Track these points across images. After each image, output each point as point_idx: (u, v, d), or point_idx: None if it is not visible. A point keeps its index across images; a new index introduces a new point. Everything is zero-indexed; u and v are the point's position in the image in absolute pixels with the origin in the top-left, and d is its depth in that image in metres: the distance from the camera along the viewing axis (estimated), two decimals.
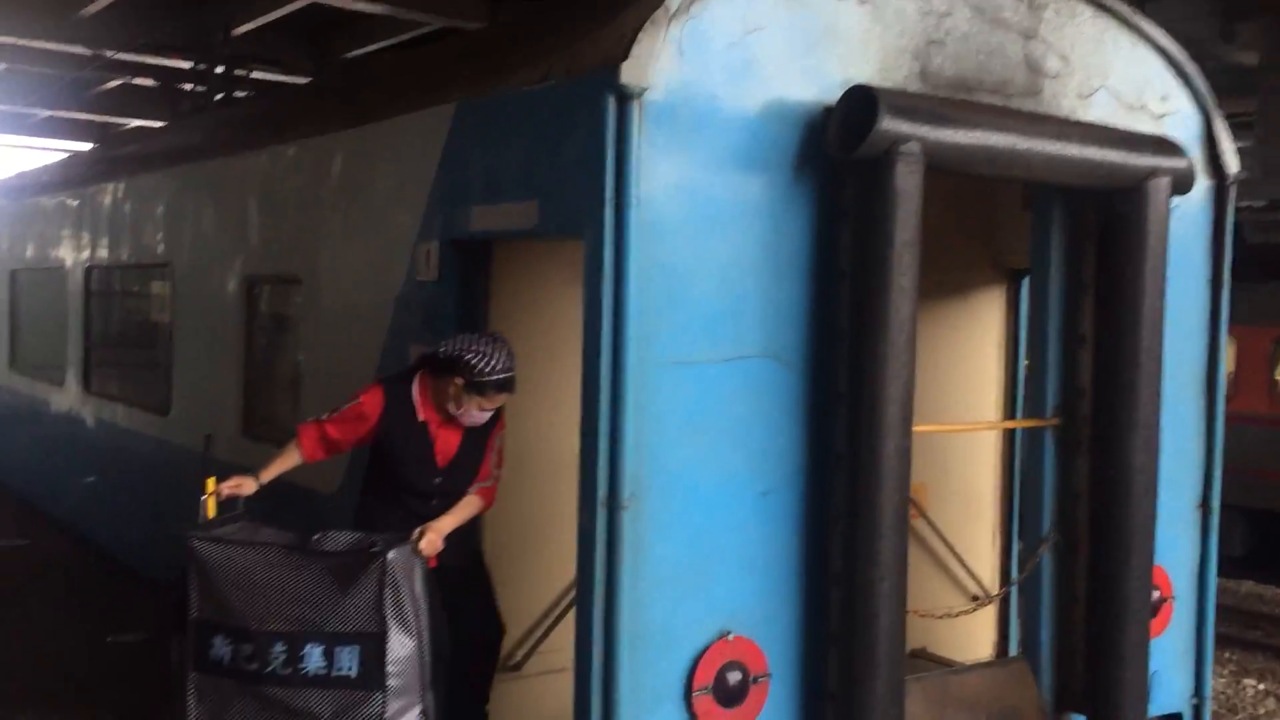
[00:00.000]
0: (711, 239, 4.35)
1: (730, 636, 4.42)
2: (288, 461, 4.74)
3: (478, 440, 4.80)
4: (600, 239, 4.13)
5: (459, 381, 4.61)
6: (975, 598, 6.53)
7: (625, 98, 4.09)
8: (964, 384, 6.49)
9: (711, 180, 4.33)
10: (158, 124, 18.55)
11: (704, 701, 4.36)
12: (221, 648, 4.35)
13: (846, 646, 4.49)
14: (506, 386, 4.67)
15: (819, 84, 4.53)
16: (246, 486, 4.65)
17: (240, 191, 6.86)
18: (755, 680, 4.49)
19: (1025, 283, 6.28)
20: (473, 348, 4.60)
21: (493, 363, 4.60)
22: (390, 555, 4.33)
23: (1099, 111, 5.23)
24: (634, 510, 4.17)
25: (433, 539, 4.51)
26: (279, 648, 4.26)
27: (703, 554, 4.37)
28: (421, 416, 4.69)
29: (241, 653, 4.30)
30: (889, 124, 4.28)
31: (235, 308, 6.88)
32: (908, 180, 4.36)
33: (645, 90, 4.12)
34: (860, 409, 4.44)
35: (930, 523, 6.50)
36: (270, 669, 4.27)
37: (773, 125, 4.44)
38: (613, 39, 4.22)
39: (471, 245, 4.98)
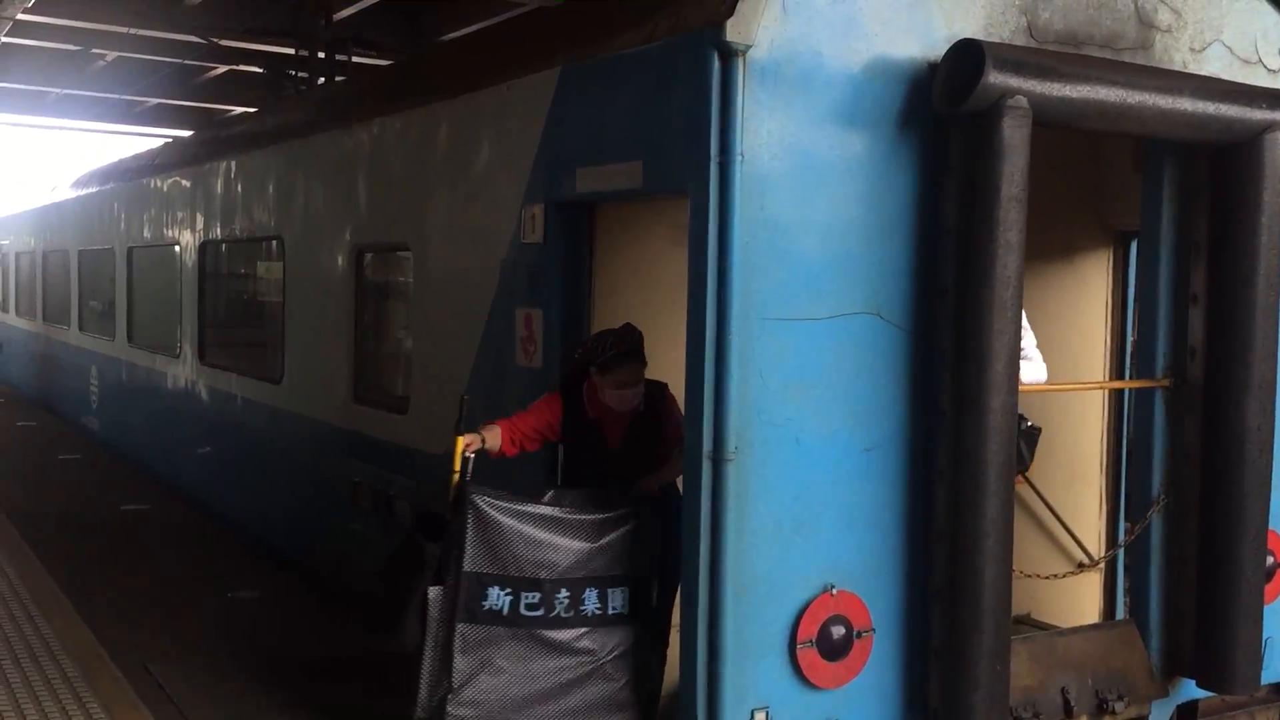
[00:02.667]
0: (815, 196, 4.37)
1: (834, 591, 4.46)
2: (493, 443, 4.90)
3: (647, 425, 4.98)
4: (705, 195, 4.17)
5: (593, 372, 4.85)
6: (1081, 563, 6.46)
7: (729, 55, 4.13)
8: (1069, 346, 6.39)
9: (815, 137, 4.35)
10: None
11: (808, 654, 4.40)
12: (499, 598, 4.64)
13: (951, 602, 4.49)
14: (624, 360, 4.82)
15: (923, 40, 4.52)
16: (475, 445, 4.84)
17: (348, 164, 7.04)
18: (859, 635, 4.52)
19: (1134, 245, 6.17)
20: (588, 341, 4.94)
21: (603, 343, 4.83)
22: (653, 510, 4.76)
23: (1212, 66, 5.12)
24: (738, 464, 4.22)
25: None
26: (563, 594, 4.66)
27: (807, 509, 4.41)
28: (592, 415, 4.95)
29: (523, 601, 4.64)
30: (995, 78, 4.26)
31: (344, 277, 7.07)
32: (1015, 134, 4.33)
33: (749, 47, 4.15)
34: (965, 366, 4.43)
35: (1034, 487, 6.43)
36: (554, 613, 4.65)
37: (876, 82, 4.44)
38: None
39: (576, 207, 5.06)
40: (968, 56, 4.31)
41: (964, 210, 4.48)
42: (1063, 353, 6.37)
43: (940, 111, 4.43)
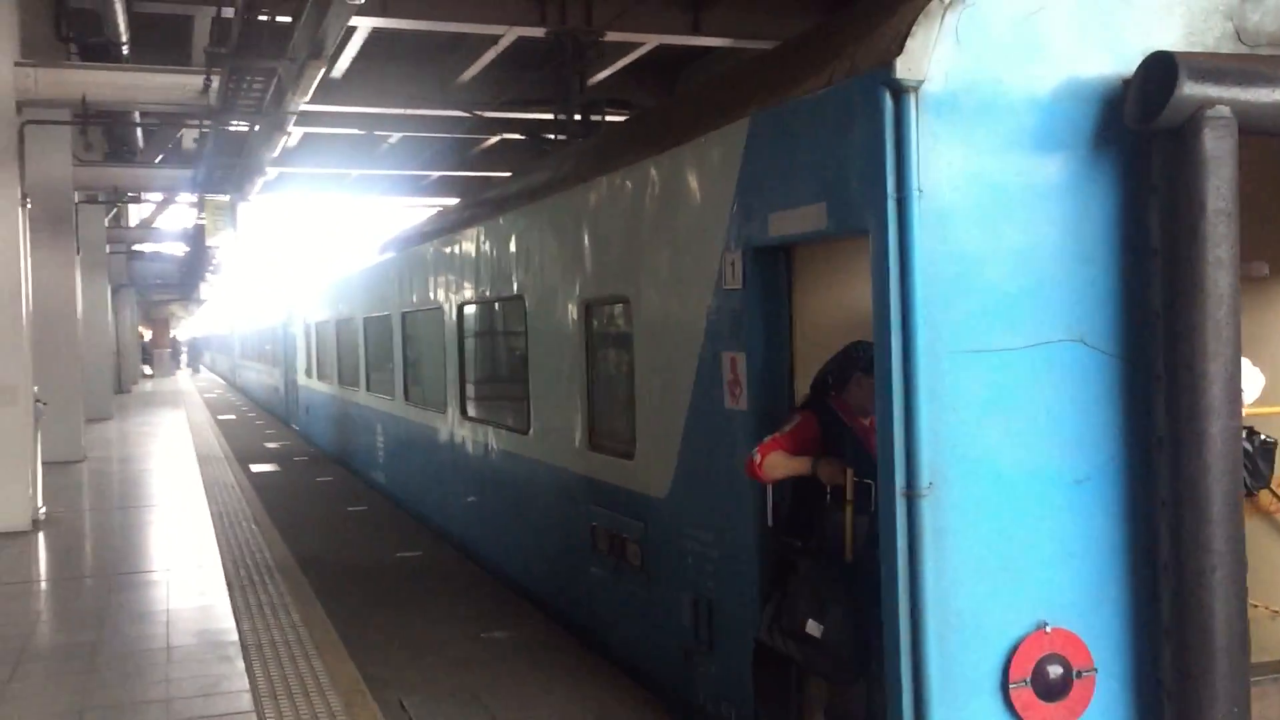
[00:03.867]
0: (1004, 224, 4.30)
1: (1048, 628, 4.32)
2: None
3: None
4: (884, 233, 4.20)
5: (857, 377, 5.02)
6: None
7: (901, 92, 4.15)
8: None
9: (1001, 165, 4.29)
10: None
11: (1023, 694, 4.28)
12: None
13: (1180, 640, 4.26)
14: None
15: (1116, 56, 4.38)
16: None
17: (575, 222, 7.41)
18: (1079, 674, 4.35)
19: None
20: (837, 355, 5.15)
21: (859, 350, 5.03)
22: None
23: None
24: (933, 499, 4.18)
25: None
26: None
27: (1012, 543, 4.31)
28: (849, 423, 5.11)
29: None
30: (1191, 89, 4.08)
31: (576, 331, 7.43)
32: (1218, 146, 4.13)
33: (921, 83, 4.15)
34: (1179, 390, 4.22)
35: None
36: None
37: (1065, 104, 4.34)
38: (888, 36, 4.29)
39: (771, 251, 5.17)
40: (1160, 69, 4.15)
41: (1169, 228, 4.29)
42: None
43: (1133, 128, 4.27)
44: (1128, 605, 4.42)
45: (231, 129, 14.88)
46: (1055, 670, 4.32)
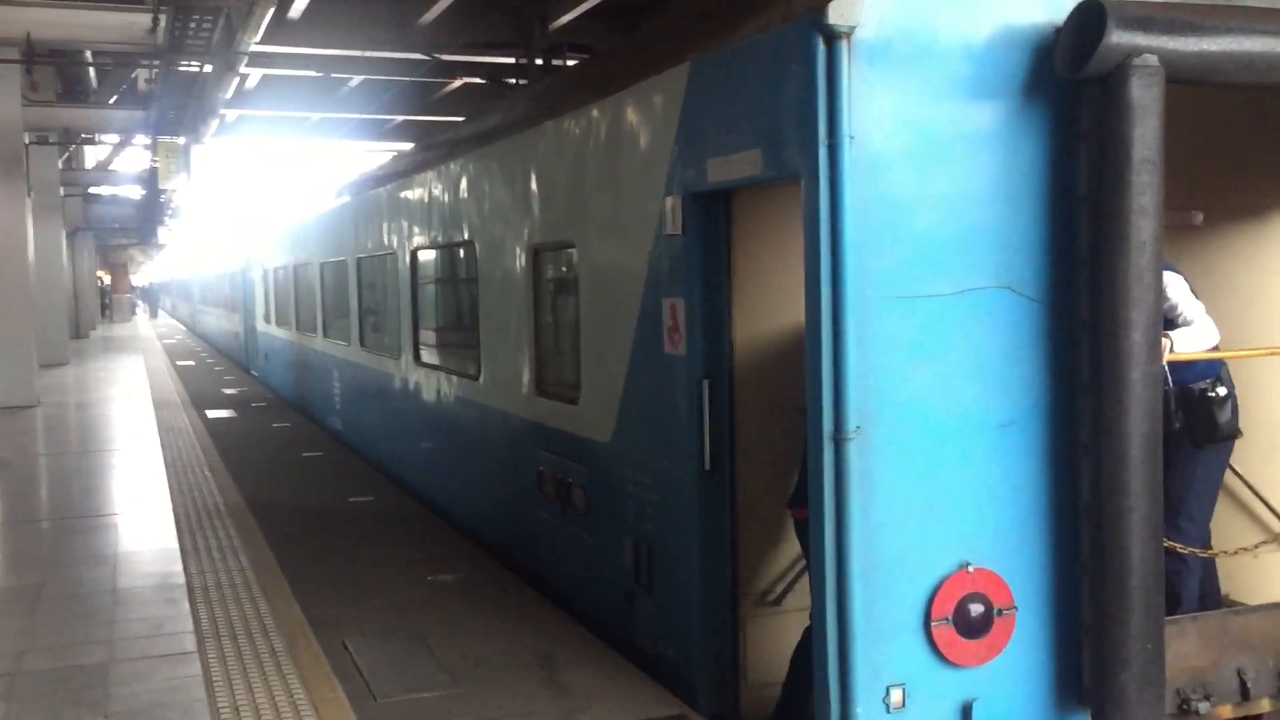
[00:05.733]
0: (935, 171, 4.35)
1: (970, 568, 4.42)
2: None
3: None
4: (815, 178, 4.23)
5: None
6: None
7: (833, 38, 4.16)
8: (1261, 311, 6.03)
9: (932, 112, 4.33)
10: None
11: (944, 632, 4.39)
12: None
13: (1097, 580, 4.38)
14: None
15: (1048, 5, 4.41)
16: None
17: (524, 167, 7.39)
18: (1000, 613, 4.46)
19: None
20: None
21: None
22: None
23: None
24: (860, 442, 4.26)
25: None
26: None
27: (938, 485, 4.40)
28: None
29: None
30: (1120, 37, 4.13)
31: (524, 277, 7.43)
32: (1145, 94, 4.18)
33: (853, 29, 4.17)
34: (1103, 336, 4.30)
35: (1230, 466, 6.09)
36: None
37: (997, 51, 4.37)
38: None
39: (711, 197, 5.19)
40: (1089, 17, 4.19)
41: (1096, 176, 4.35)
42: (1260, 321, 6.02)
43: (1063, 76, 4.31)
44: (1049, 546, 4.53)
45: (182, 69, 14.65)
46: (977, 609, 4.43)
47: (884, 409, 4.30)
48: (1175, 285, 5.32)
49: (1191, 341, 5.19)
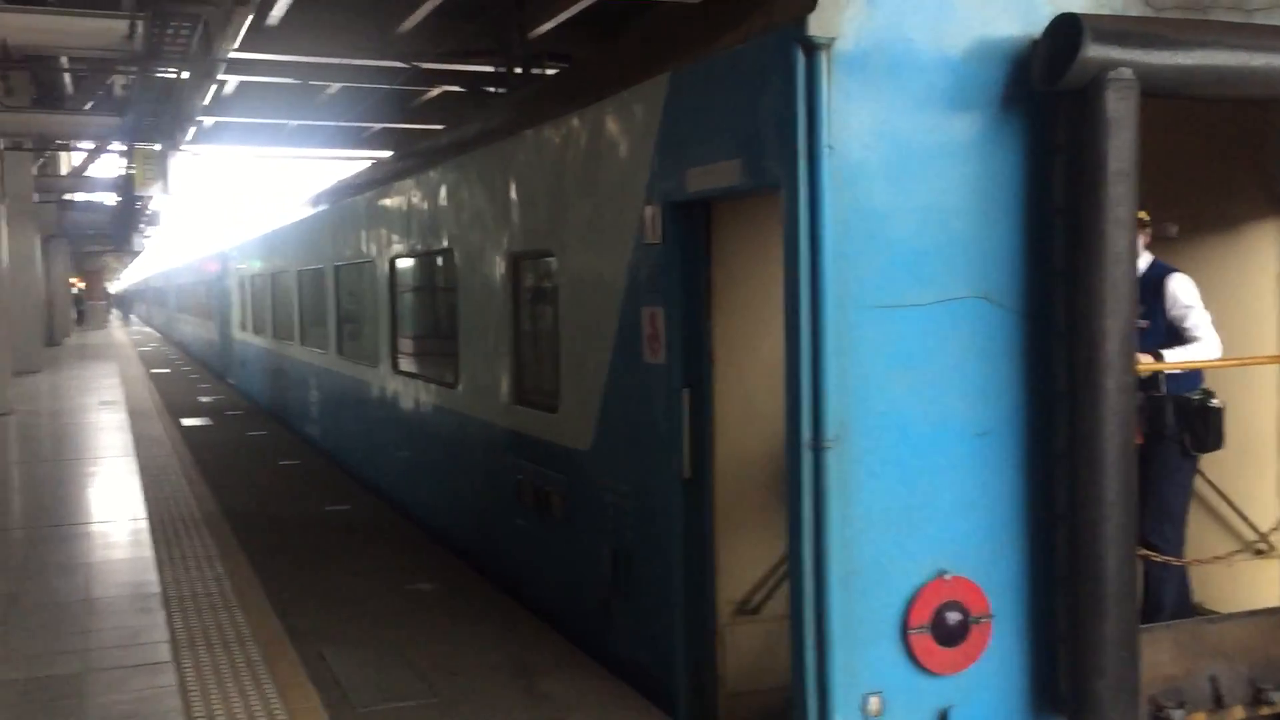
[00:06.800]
0: (914, 182, 4.38)
1: (947, 576, 4.45)
2: None
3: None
4: (795, 188, 4.26)
5: None
6: (1259, 551, 6.13)
7: (813, 49, 4.20)
8: (1236, 321, 6.09)
9: (911, 123, 4.36)
10: None
11: (921, 640, 4.41)
12: None
13: (1073, 588, 4.41)
14: None
15: (1025, 18, 4.46)
16: None
17: (503, 176, 7.39)
18: (976, 620, 4.49)
19: None
20: None
21: None
22: None
23: None
24: (838, 450, 4.28)
25: None
26: None
27: (915, 494, 4.42)
28: None
29: None
30: (1095, 50, 4.17)
31: (503, 285, 7.43)
32: (1120, 107, 4.23)
33: (833, 40, 4.20)
34: (1078, 346, 4.34)
35: (1199, 472, 6.15)
36: None
37: (975, 64, 4.41)
38: None
39: (690, 207, 5.21)
40: (1065, 30, 4.24)
41: (1071, 188, 4.39)
42: (1231, 329, 6.09)
43: (1040, 89, 4.36)
44: (1025, 554, 4.56)
45: (159, 76, 14.58)
46: (954, 617, 4.46)
47: (862, 418, 4.33)
48: (1186, 290, 5.42)
49: (1204, 355, 5.29)
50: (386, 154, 28.40)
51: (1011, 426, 4.53)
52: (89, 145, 27.46)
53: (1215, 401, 5.63)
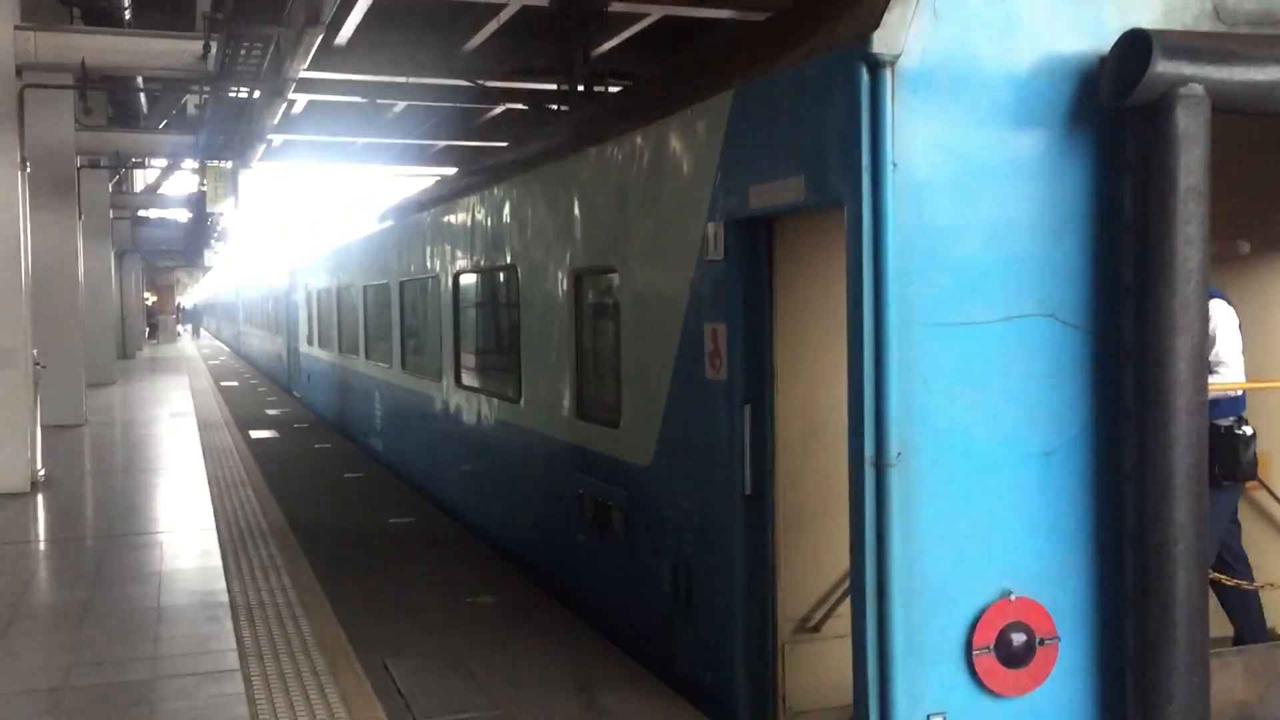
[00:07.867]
0: (979, 199, 4.36)
1: (1012, 597, 4.40)
2: None
3: None
4: (858, 205, 4.25)
5: None
6: None
7: (877, 66, 4.19)
8: None
9: (976, 140, 4.34)
10: None
11: (985, 661, 4.36)
12: None
13: (1141, 611, 4.34)
14: None
15: (1093, 33, 4.42)
16: None
17: (567, 193, 7.46)
18: (1042, 642, 4.43)
19: None
20: None
21: None
22: None
23: None
24: (901, 468, 4.26)
25: None
26: None
27: (979, 513, 4.38)
28: None
29: None
30: (1165, 66, 4.13)
31: (566, 301, 7.49)
32: (1190, 123, 4.18)
33: (898, 57, 4.20)
34: (1147, 365, 4.28)
35: (1273, 494, 6.04)
36: None
37: (1041, 80, 4.38)
38: (866, 10, 4.33)
39: (752, 223, 5.22)
40: (1134, 46, 4.20)
41: (1141, 205, 4.34)
42: None
43: (1108, 106, 4.32)
44: (1091, 576, 4.50)
45: (232, 95, 14.91)
46: (1019, 638, 4.41)
47: (926, 435, 4.30)
48: (1220, 317, 5.29)
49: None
50: (451, 171, 28.77)
51: (1078, 446, 4.47)
52: (162, 163, 28.13)
53: (1246, 429, 5.52)
